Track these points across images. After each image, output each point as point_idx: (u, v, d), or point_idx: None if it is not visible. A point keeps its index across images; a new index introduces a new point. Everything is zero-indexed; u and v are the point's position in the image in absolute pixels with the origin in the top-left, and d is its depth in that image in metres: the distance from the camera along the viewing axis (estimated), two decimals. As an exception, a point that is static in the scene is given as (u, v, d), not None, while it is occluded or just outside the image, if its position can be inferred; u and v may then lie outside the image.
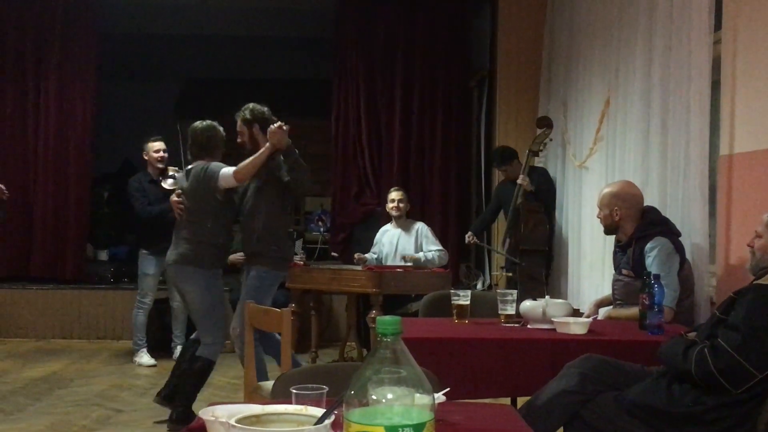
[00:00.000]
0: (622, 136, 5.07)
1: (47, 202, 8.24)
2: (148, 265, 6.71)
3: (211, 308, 4.80)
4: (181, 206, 4.86)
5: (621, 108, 5.11)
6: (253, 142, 4.85)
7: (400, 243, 6.60)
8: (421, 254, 6.42)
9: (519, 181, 6.15)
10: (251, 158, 4.70)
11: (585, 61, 5.97)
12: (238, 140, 4.92)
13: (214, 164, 4.80)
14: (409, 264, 6.33)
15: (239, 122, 4.90)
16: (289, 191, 4.81)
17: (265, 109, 4.92)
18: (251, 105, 4.91)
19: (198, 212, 4.80)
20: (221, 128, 5.04)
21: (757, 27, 3.64)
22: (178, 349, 6.84)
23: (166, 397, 4.87)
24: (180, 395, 4.77)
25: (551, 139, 6.25)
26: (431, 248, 6.48)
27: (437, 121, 8.15)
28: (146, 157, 6.75)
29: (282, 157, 4.71)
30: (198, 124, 5.01)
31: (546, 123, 6.19)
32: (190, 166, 4.96)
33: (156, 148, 6.69)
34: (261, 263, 4.79)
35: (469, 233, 6.62)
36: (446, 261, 6.54)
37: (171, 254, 4.85)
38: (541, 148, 6.18)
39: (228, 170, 4.70)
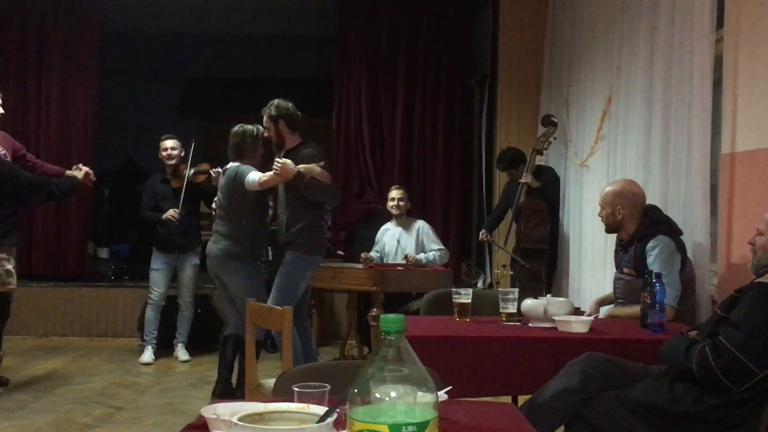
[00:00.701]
0: (623, 134, 5.07)
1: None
2: (154, 261, 6.82)
3: (253, 296, 4.92)
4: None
5: (622, 106, 5.11)
6: (279, 137, 5.12)
7: (401, 242, 6.60)
8: (422, 255, 6.42)
9: (522, 180, 6.14)
10: (270, 174, 4.98)
11: (587, 60, 5.96)
12: (265, 134, 5.19)
13: (244, 167, 5.12)
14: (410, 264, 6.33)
15: (265, 118, 5.14)
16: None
17: (290, 104, 5.15)
18: (276, 101, 5.15)
19: (232, 210, 5.16)
20: (255, 130, 5.26)
21: (759, 25, 3.63)
22: (179, 347, 6.86)
23: (220, 395, 5.14)
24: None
25: (555, 138, 6.25)
26: (432, 247, 6.48)
27: (439, 120, 8.15)
28: (159, 156, 6.78)
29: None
30: (234, 128, 5.32)
31: (551, 121, 6.18)
32: (226, 167, 5.27)
33: (164, 146, 6.72)
34: (292, 250, 5.05)
35: (483, 231, 6.64)
36: (447, 260, 6.55)
37: (213, 248, 5.20)
38: (545, 146, 6.18)
39: (254, 176, 4.99)
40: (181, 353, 6.83)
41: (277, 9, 9.33)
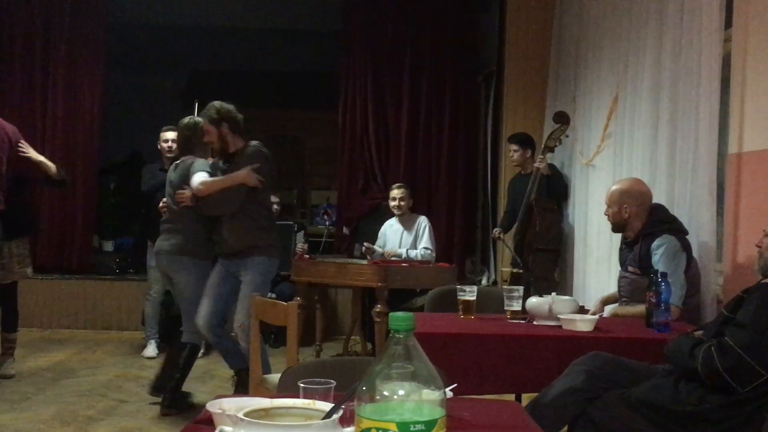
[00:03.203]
0: (630, 133, 5.05)
1: (54, 192, 8.24)
2: (150, 257, 6.72)
3: (199, 297, 4.87)
4: (164, 209, 5.05)
5: (629, 105, 5.09)
6: (222, 141, 4.81)
7: (403, 238, 6.61)
8: (402, 251, 6.44)
9: (536, 164, 6.09)
10: (221, 179, 4.75)
11: (593, 58, 5.94)
12: (205, 139, 4.86)
13: (198, 162, 4.86)
14: (394, 258, 6.30)
15: (205, 122, 4.82)
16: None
17: (231, 106, 4.86)
18: (217, 104, 4.83)
19: (187, 206, 4.87)
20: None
21: (767, 25, 3.62)
22: None
23: (157, 387, 5.04)
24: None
25: (567, 136, 6.22)
26: (420, 245, 6.49)
27: (444, 116, 8.15)
28: (159, 147, 6.70)
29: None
30: (185, 120, 5.08)
31: (563, 119, 6.13)
32: (178, 161, 5.03)
33: (165, 137, 6.61)
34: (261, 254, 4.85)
35: (498, 229, 6.60)
36: (430, 260, 6.43)
37: (163, 244, 4.95)
38: (557, 144, 6.15)
39: (197, 180, 4.73)
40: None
41: (283, 2, 9.31)
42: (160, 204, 5.22)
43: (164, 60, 11.52)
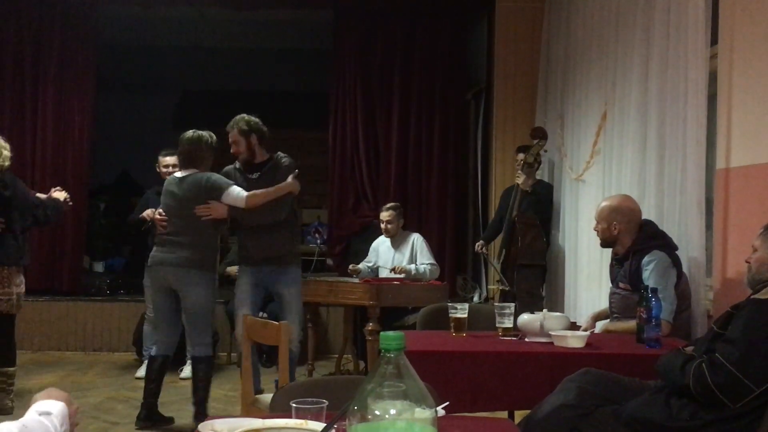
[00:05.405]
0: (618, 149, 5.09)
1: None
2: (145, 277, 6.63)
3: (211, 307, 5.06)
4: (164, 223, 5.04)
5: (618, 121, 5.13)
6: (250, 152, 5.15)
7: (395, 256, 6.60)
8: (412, 266, 6.42)
9: (517, 179, 6.12)
10: (273, 190, 5.01)
11: (582, 75, 5.99)
12: (232, 150, 5.17)
13: (217, 176, 5.02)
14: (400, 276, 6.30)
15: (235, 133, 5.13)
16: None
17: (258, 119, 5.21)
18: (245, 116, 5.18)
19: (198, 218, 4.93)
20: (210, 138, 5.12)
21: (753, 41, 3.66)
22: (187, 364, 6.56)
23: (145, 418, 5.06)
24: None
25: (545, 151, 6.26)
26: (424, 261, 6.48)
27: (434, 134, 8.18)
28: (158, 170, 6.62)
29: None
30: (187, 134, 5.16)
31: (540, 134, 6.17)
32: (183, 174, 5.06)
33: (165, 163, 6.45)
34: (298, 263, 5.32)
35: (481, 242, 6.62)
36: (437, 275, 6.49)
37: (168, 257, 4.95)
38: (535, 158, 6.18)
39: (240, 192, 4.94)
40: (187, 371, 6.64)
41: (273, 22, 9.35)
42: (156, 216, 5.20)
43: (154, 81, 11.54)
